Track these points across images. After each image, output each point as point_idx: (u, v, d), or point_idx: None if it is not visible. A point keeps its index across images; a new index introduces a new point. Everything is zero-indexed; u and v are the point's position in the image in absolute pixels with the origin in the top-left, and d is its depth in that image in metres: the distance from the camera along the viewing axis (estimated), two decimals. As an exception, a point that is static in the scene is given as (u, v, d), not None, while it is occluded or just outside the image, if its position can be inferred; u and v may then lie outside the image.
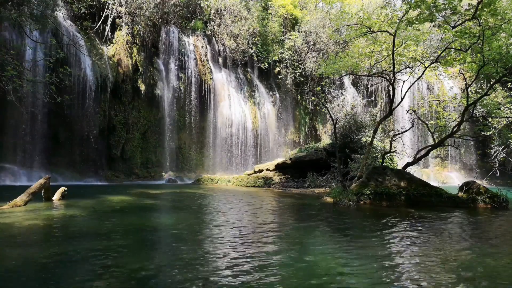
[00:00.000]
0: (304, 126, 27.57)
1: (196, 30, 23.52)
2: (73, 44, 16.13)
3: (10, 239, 4.92)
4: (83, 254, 4.17)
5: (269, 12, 26.48)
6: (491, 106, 15.30)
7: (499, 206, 9.45)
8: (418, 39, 12.67)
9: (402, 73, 14.30)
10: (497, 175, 21.09)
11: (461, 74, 17.90)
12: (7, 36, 15.43)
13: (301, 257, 4.26)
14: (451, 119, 17.69)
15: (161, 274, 3.55)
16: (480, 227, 6.90)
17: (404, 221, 7.20)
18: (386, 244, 5.12)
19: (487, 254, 4.60)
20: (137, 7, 20.20)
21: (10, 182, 15.03)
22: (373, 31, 12.04)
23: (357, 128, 17.05)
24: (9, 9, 13.08)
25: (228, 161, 23.09)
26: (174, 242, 5.03)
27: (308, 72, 25.98)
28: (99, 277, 3.40)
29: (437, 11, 10.02)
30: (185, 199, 10.90)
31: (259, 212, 8.21)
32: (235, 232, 5.75)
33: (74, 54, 17.22)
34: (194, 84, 22.29)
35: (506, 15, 10.55)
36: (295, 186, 15.78)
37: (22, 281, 3.35)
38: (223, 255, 4.30)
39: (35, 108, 16.30)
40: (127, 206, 8.81)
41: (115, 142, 19.25)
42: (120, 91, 19.53)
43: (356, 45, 15.47)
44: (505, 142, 18.27)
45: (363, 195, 9.89)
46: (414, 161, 12.25)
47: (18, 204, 7.67)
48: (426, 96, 27.54)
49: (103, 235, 5.22)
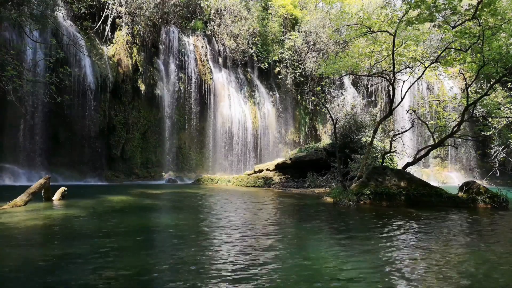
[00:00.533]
0: (304, 126, 27.57)
1: (196, 30, 23.52)
2: (73, 44, 16.13)
3: (10, 239, 4.92)
4: (83, 254, 4.17)
5: (269, 12, 26.47)
6: (491, 106, 15.30)
7: (499, 206, 9.45)
8: (418, 39, 12.67)
9: (402, 73, 14.30)
10: (497, 175, 21.10)
11: (461, 74, 17.90)
12: (7, 36, 15.43)
13: (301, 257, 4.26)
14: (451, 119, 17.68)
15: (161, 274, 3.55)
16: (480, 227, 6.89)
17: (404, 221, 7.21)
18: (386, 244, 5.12)
19: (487, 254, 4.60)
20: (137, 7, 20.20)
21: (10, 182, 15.03)
22: (373, 31, 12.04)
23: (357, 128, 17.05)
24: (9, 9, 13.08)
25: (228, 161, 23.09)
26: (174, 243, 5.03)
27: (308, 72, 25.98)
28: (99, 277, 3.40)
29: (437, 11, 10.02)
30: (185, 199, 10.90)
31: (259, 212, 8.21)
32: (235, 232, 5.75)
33: (74, 54, 17.23)
34: (194, 84, 22.29)
35: (506, 15, 10.56)
36: (295, 186, 15.77)
37: (22, 281, 3.34)
38: (223, 255, 4.30)
39: (35, 108, 16.30)
40: (127, 206, 8.81)
41: (115, 142, 19.26)
42: (120, 91, 19.54)
43: (356, 45, 15.47)
44: (505, 142, 18.27)
45: (363, 195, 9.89)
46: (414, 161, 12.26)
47: (18, 204, 7.67)
48: (426, 96, 27.53)
49: (103, 235, 5.22)
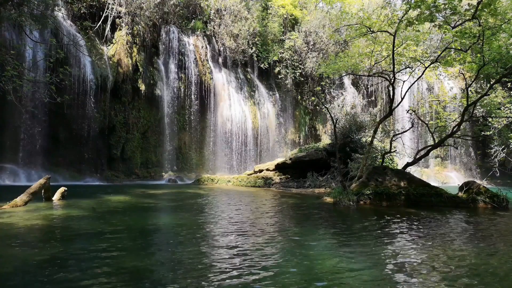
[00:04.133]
0: (304, 126, 27.58)
1: (196, 30, 23.52)
2: (73, 44, 16.12)
3: (10, 239, 4.92)
4: (83, 254, 4.17)
5: (269, 12, 26.47)
6: (491, 106, 15.30)
7: (499, 206, 9.46)
8: (418, 39, 12.68)
9: (402, 73, 14.29)
10: (497, 175, 21.09)
11: (461, 74, 17.90)
12: (7, 36, 15.43)
13: (302, 257, 4.26)
14: (451, 119, 17.68)
15: (162, 275, 3.55)
16: (480, 227, 6.89)
17: (404, 221, 7.21)
18: (387, 244, 5.12)
19: (487, 254, 4.60)
20: (137, 7, 20.21)
21: (10, 182, 15.02)
22: (373, 31, 12.03)
23: (357, 128, 17.05)
24: (9, 9, 13.08)
25: (228, 161, 23.09)
26: (174, 243, 5.03)
27: (308, 72, 25.98)
28: (100, 277, 3.40)
29: (437, 11, 10.02)
30: (185, 199, 10.89)
31: (259, 212, 8.20)
32: (235, 232, 5.75)
33: (74, 54, 17.22)
34: (194, 84, 22.28)
35: (506, 15, 10.57)
36: (295, 186, 15.77)
37: (22, 281, 3.34)
38: (224, 255, 4.30)
39: (35, 108, 16.30)
40: (127, 206, 8.81)
41: (115, 142, 19.25)
42: (120, 91, 19.54)
43: (356, 45, 15.46)
44: (505, 142, 18.25)
45: (363, 195, 9.90)
46: (414, 161, 12.26)
47: (18, 204, 7.67)
48: (426, 96, 27.54)
49: (103, 235, 5.22)
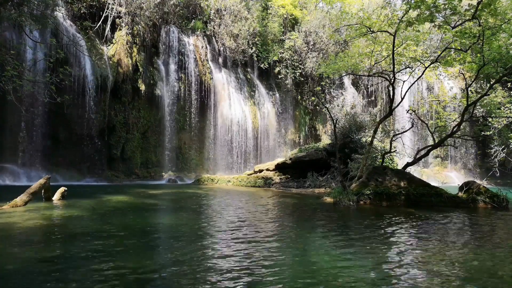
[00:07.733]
0: (304, 126, 27.58)
1: (196, 30, 23.52)
2: (73, 44, 16.12)
3: (10, 239, 4.92)
4: (83, 254, 4.17)
5: (269, 12, 26.47)
6: (491, 106, 15.31)
7: (499, 206, 9.46)
8: (418, 39, 12.68)
9: (402, 73, 14.30)
10: (497, 175, 21.10)
11: (461, 74, 17.90)
12: (7, 36, 15.42)
13: (302, 257, 4.26)
14: (451, 119, 17.68)
15: (161, 275, 3.55)
16: (480, 227, 6.89)
17: (404, 221, 7.21)
18: (386, 244, 5.12)
19: (487, 254, 4.60)
20: (137, 7, 20.20)
21: (10, 182, 15.02)
22: (373, 31, 12.04)
23: (357, 128, 17.04)
24: (9, 9, 13.08)
25: (228, 161, 23.08)
26: (174, 243, 5.03)
27: (308, 72, 25.98)
28: (99, 277, 3.40)
29: (437, 11, 10.02)
30: (185, 199, 10.89)
31: (260, 212, 8.20)
32: (235, 232, 5.75)
33: (74, 54, 17.22)
34: (194, 84, 22.28)
35: (506, 15, 10.57)
36: (295, 186, 15.77)
37: (22, 281, 3.34)
38: (224, 255, 4.30)
39: (35, 108, 16.30)
40: (127, 206, 8.81)
41: (115, 142, 19.25)
42: (120, 91, 19.53)
43: (356, 45, 15.46)
44: (505, 142, 18.25)
45: (363, 195, 9.90)
46: (414, 161, 12.26)
47: (18, 204, 7.67)
48: (426, 96, 27.54)
49: (103, 235, 5.22)
